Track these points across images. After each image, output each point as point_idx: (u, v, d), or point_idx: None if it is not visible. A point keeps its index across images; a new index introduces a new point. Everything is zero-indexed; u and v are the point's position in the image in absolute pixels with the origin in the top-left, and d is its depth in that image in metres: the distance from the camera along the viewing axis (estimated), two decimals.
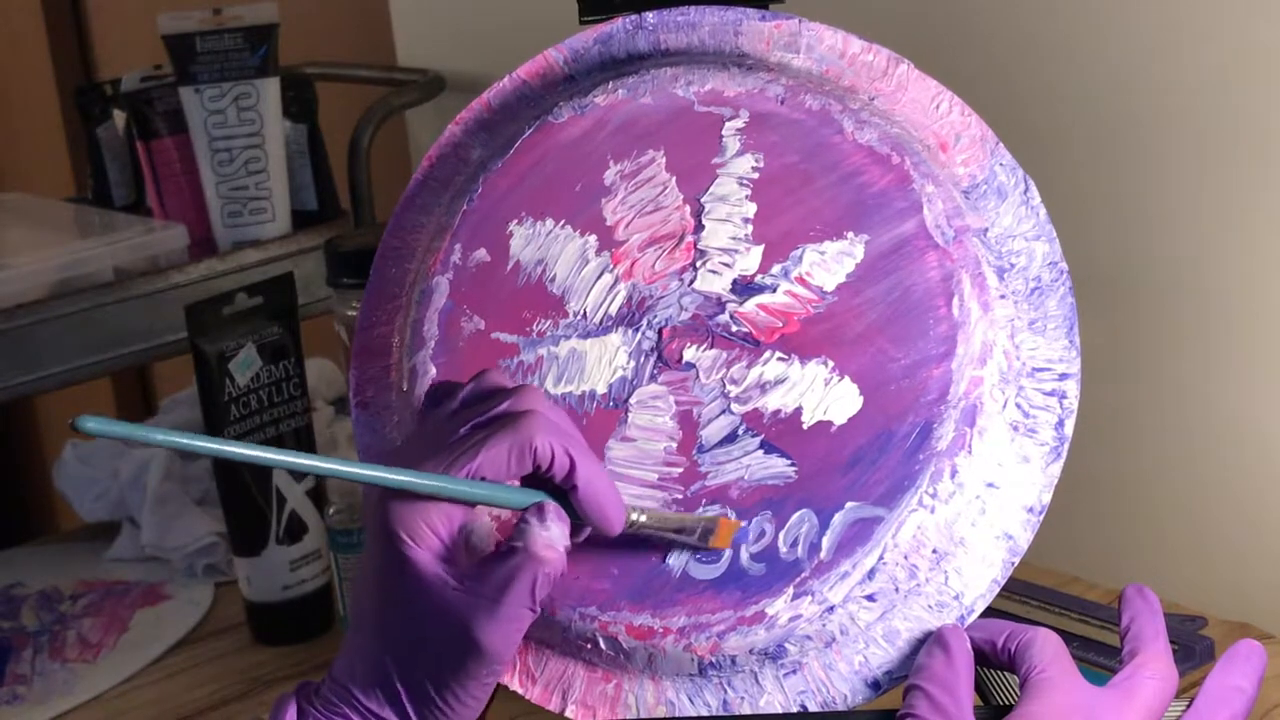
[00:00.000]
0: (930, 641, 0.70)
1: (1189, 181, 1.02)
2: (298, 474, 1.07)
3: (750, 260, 0.73)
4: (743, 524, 0.71)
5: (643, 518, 0.70)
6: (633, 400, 0.73)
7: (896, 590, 0.71)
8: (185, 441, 0.62)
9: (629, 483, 0.72)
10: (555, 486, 0.66)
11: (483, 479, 0.65)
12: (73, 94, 1.57)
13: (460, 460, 0.65)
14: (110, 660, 1.09)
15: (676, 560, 0.71)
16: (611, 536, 0.69)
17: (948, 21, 1.12)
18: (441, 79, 1.49)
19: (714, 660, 0.71)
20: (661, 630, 0.71)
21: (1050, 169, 0.86)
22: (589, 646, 0.72)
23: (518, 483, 0.66)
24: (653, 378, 0.73)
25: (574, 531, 0.67)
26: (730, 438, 0.72)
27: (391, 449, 0.73)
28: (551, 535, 0.64)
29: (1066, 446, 0.73)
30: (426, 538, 0.64)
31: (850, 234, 0.72)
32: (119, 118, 1.41)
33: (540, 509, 0.65)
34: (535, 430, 0.65)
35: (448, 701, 0.65)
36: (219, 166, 1.32)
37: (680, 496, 0.72)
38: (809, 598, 0.70)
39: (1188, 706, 0.68)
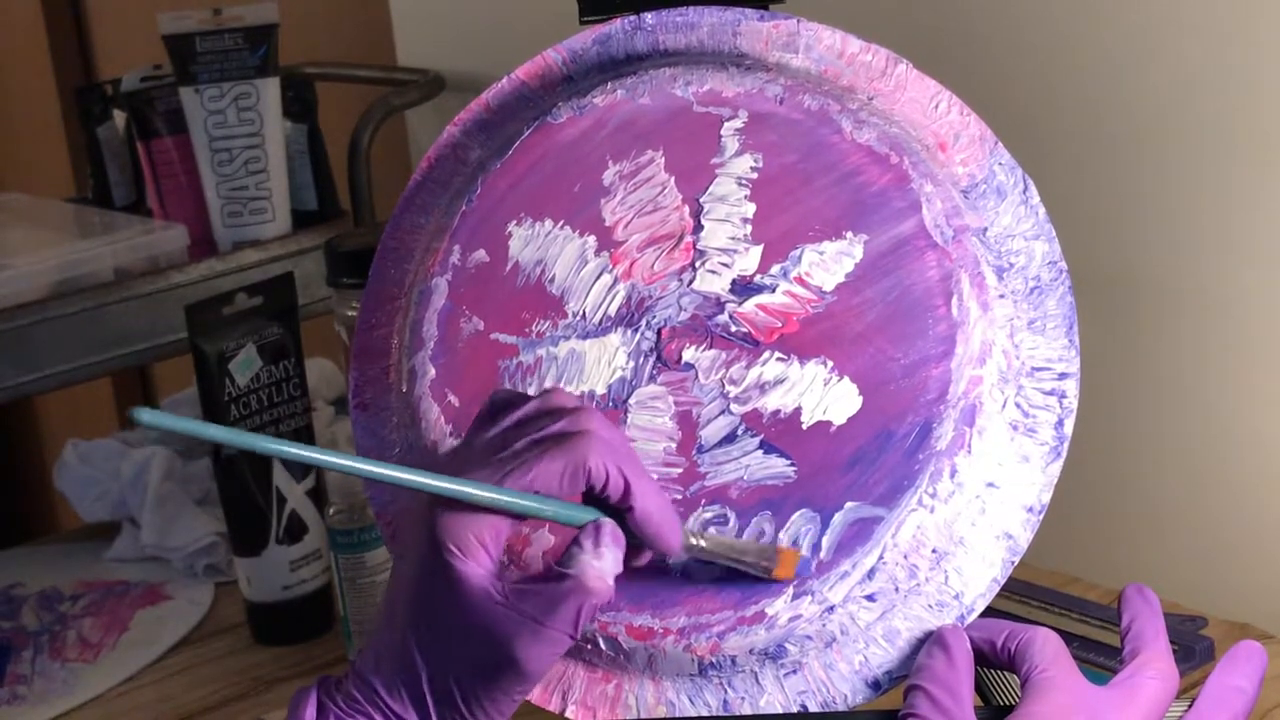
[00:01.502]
0: (930, 642, 0.70)
1: (1189, 181, 1.02)
2: (302, 470, 1.07)
3: (749, 260, 0.73)
4: (804, 555, 0.71)
5: (702, 542, 0.69)
6: (632, 401, 0.73)
7: (896, 590, 0.71)
8: (241, 439, 0.62)
9: None
10: (613, 507, 0.66)
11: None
12: (73, 94, 1.57)
13: (514, 474, 0.64)
14: (110, 660, 1.09)
15: (677, 561, 0.71)
16: (670, 557, 0.68)
17: (947, 21, 1.12)
18: (441, 79, 1.49)
19: (714, 660, 0.71)
20: (661, 631, 0.71)
21: (1050, 169, 0.86)
22: (589, 647, 0.72)
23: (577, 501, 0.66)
24: (652, 378, 0.73)
25: (634, 553, 0.67)
26: (729, 438, 0.72)
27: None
28: (603, 565, 0.64)
29: (1066, 446, 0.73)
30: (474, 550, 0.64)
31: (849, 234, 0.72)
32: (119, 118, 1.41)
33: (596, 534, 0.65)
34: (590, 451, 0.64)
35: (473, 711, 0.65)
36: (219, 166, 1.32)
37: (680, 497, 0.72)
38: (809, 598, 0.70)
39: (1188, 707, 0.68)
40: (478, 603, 0.64)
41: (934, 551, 0.71)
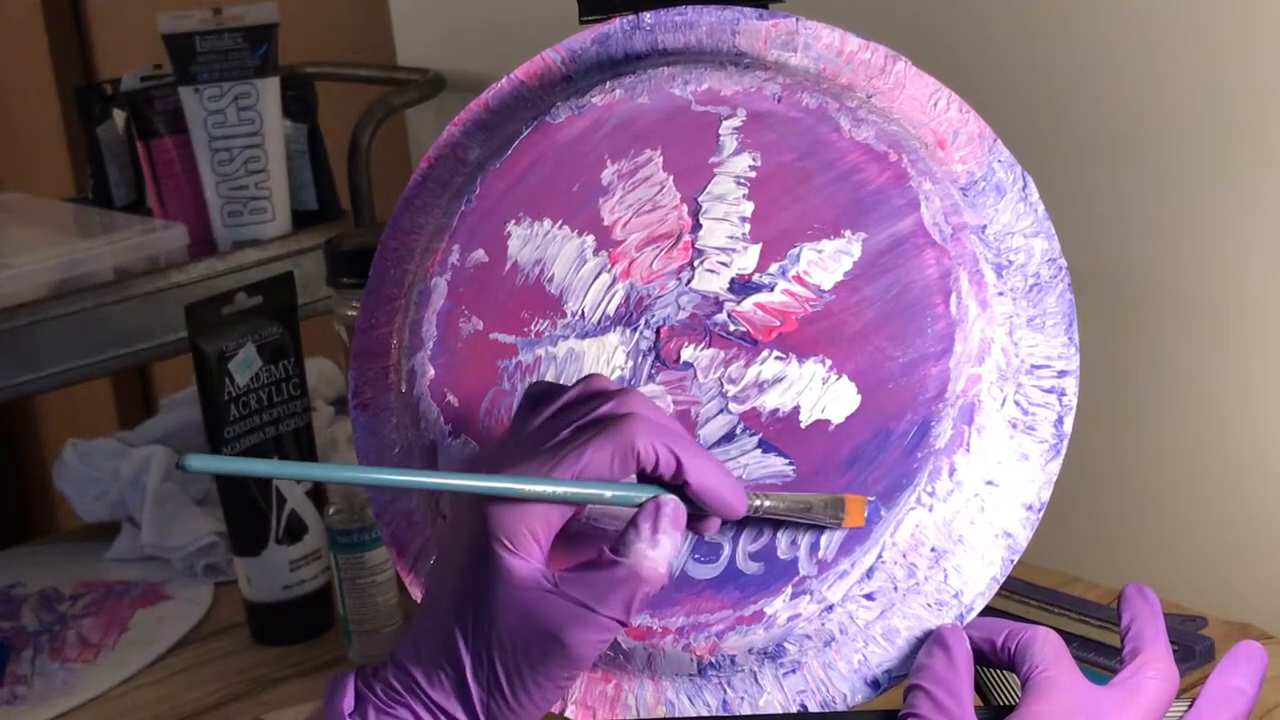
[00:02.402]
0: (930, 641, 0.70)
1: (1189, 180, 1.02)
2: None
3: (748, 259, 0.73)
4: (871, 498, 0.70)
5: (768, 502, 0.69)
6: None
7: (895, 589, 0.71)
8: (291, 471, 0.62)
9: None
10: (669, 483, 0.66)
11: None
12: (73, 94, 1.57)
13: (563, 463, 0.64)
14: (110, 660, 1.09)
15: (675, 560, 0.71)
16: (736, 519, 0.68)
17: (946, 19, 1.12)
18: (441, 79, 1.49)
19: (713, 660, 0.71)
20: (660, 630, 0.71)
21: (1050, 167, 0.86)
22: None
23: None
24: (650, 377, 0.73)
25: (701, 522, 0.67)
26: (728, 437, 0.72)
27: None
28: (659, 554, 0.64)
29: (1065, 444, 0.73)
30: (526, 542, 0.64)
31: (848, 232, 0.72)
32: (119, 118, 1.41)
33: (654, 517, 0.64)
34: (637, 432, 0.64)
35: (518, 698, 0.64)
36: (219, 166, 1.32)
37: None
38: (807, 597, 0.70)
39: (1189, 707, 0.68)
40: (528, 592, 0.63)
41: (933, 550, 0.71)
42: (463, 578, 0.65)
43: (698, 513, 0.66)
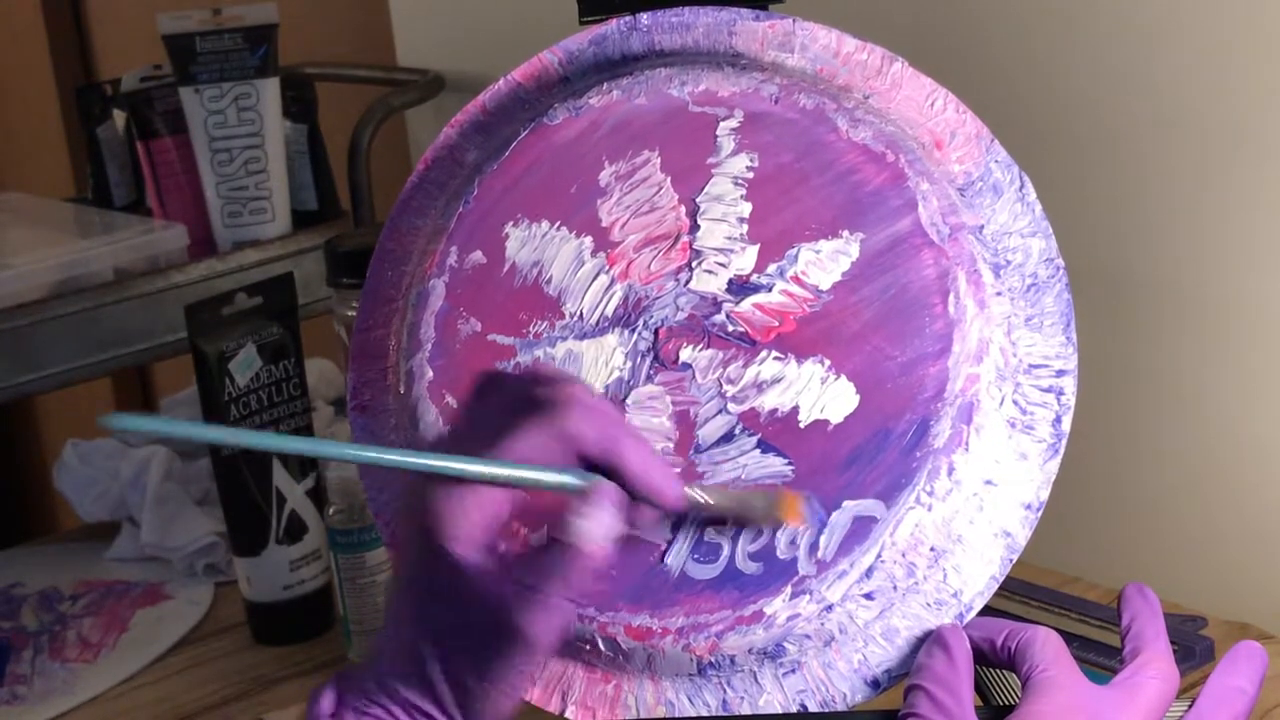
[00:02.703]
0: (930, 641, 0.70)
1: (1188, 180, 1.02)
2: (301, 470, 1.07)
3: (746, 260, 0.73)
4: (808, 494, 0.70)
5: (705, 496, 0.69)
6: (629, 401, 0.73)
7: (895, 588, 0.71)
8: (214, 435, 0.62)
9: None
10: (607, 471, 0.66)
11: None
12: (73, 94, 1.57)
13: (500, 446, 0.64)
14: (110, 660, 1.09)
15: (674, 560, 0.71)
16: (675, 511, 0.68)
17: (943, 19, 1.12)
18: (441, 79, 1.50)
19: (713, 660, 0.71)
20: (660, 631, 0.71)
21: (1048, 167, 0.86)
22: (588, 647, 0.72)
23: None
24: (649, 378, 0.73)
25: (640, 512, 0.67)
26: (727, 437, 0.72)
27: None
28: (595, 528, 0.64)
29: (1064, 443, 0.73)
30: (470, 531, 0.64)
31: (845, 232, 0.72)
32: (119, 118, 1.41)
33: (590, 498, 0.65)
34: (571, 415, 0.65)
35: (485, 690, 0.65)
36: (219, 166, 1.32)
37: None
38: (807, 597, 0.70)
39: (1189, 707, 0.68)
40: (478, 582, 0.64)
41: (932, 550, 0.71)
42: (418, 575, 0.65)
43: (636, 501, 0.66)
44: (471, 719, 0.65)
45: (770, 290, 0.73)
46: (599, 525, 0.64)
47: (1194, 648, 0.92)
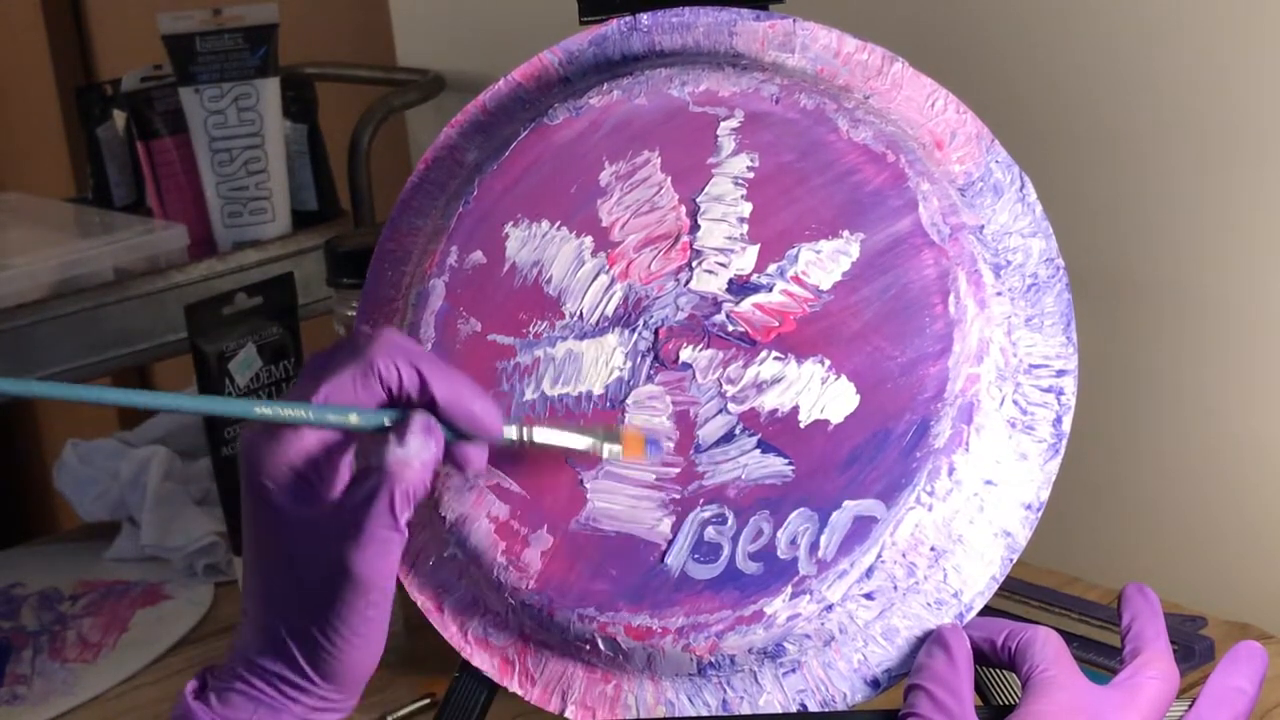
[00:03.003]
0: (930, 641, 0.70)
1: (1188, 181, 1.02)
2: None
3: (746, 260, 0.73)
4: (649, 434, 0.71)
5: (528, 435, 0.69)
6: (629, 401, 0.73)
7: (895, 588, 0.71)
8: (60, 391, 0.63)
9: (626, 483, 0.72)
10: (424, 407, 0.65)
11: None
12: (73, 94, 1.57)
13: (306, 390, 0.64)
14: (110, 660, 1.09)
15: (674, 560, 0.71)
16: (494, 442, 0.67)
17: (943, 19, 1.12)
18: (441, 79, 1.49)
19: (713, 660, 0.71)
20: (660, 630, 0.71)
21: (1047, 166, 0.86)
22: (588, 647, 0.72)
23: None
24: (649, 378, 0.73)
25: (461, 449, 0.66)
26: (727, 437, 0.72)
27: None
28: (406, 451, 0.64)
29: (1064, 443, 0.73)
30: (284, 475, 0.64)
31: (846, 232, 0.72)
32: (119, 118, 1.41)
33: (402, 426, 0.64)
34: (376, 351, 0.64)
35: (333, 641, 0.64)
36: (219, 166, 1.32)
37: (677, 496, 0.72)
38: (807, 596, 0.70)
39: (1189, 707, 0.68)
40: (300, 525, 0.64)
41: (932, 549, 0.71)
42: (251, 536, 0.65)
43: (458, 437, 0.66)
44: (328, 675, 0.65)
45: (770, 290, 0.73)
46: (407, 447, 0.64)
47: (1194, 648, 0.92)
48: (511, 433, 0.69)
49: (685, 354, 0.73)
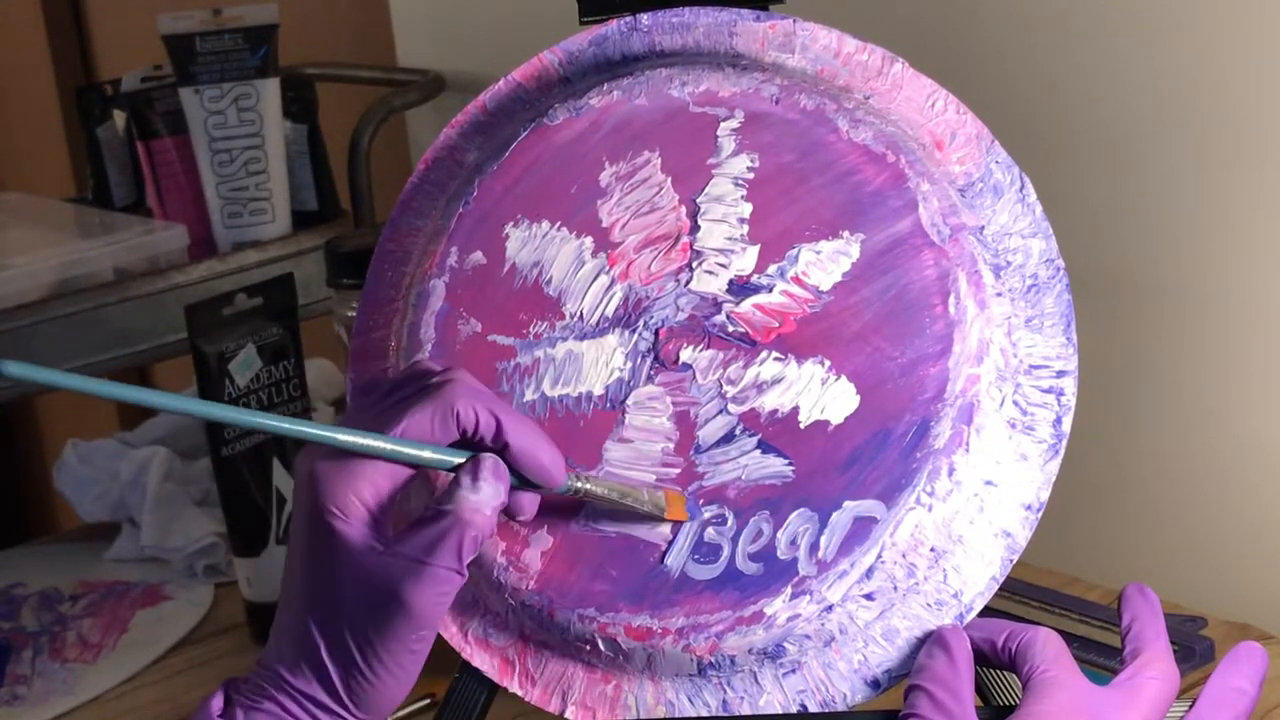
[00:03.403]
0: (930, 642, 0.70)
1: (1189, 181, 1.02)
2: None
3: (746, 260, 0.73)
4: (688, 494, 0.71)
5: (588, 485, 0.70)
6: (630, 401, 0.73)
7: (895, 589, 0.71)
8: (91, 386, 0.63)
9: (626, 484, 0.72)
10: (492, 449, 0.67)
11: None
12: (73, 94, 1.57)
13: (386, 426, 0.65)
14: (110, 660, 1.09)
15: (675, 561, 0.71)
16: (554, 491, 0.68)
17: (943, 20, 1.12)
18: (441, 79, 1.49)
19: (713, 660, 0.71)
20: (660, 631, 0.71)
21: (1047, 167, 0.86)
22: (588, 648, 0.72)
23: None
24: (649, 379, 0.73)
25: (526, 495, 0.68)
26: (727, 438, 0.72)
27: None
28: (480, 498, 0.65)
29: (1064, 444, 0.73)
30: (354, 508, 0.64)
31: (846, 233, 0.72)
32: (119, 118, 1.41)
33: (474, 469, 0.65)
34: (457, 395, 0.65)
35: (374, 670, 0.65)
36: (219, 167, 1.32)
37: None
38: (807, 597, 0.70)
39: (1190, 707, 0.68)
40: (363, 557, 0.64)
41: (932, 550, 0.71)
42: (305, 558, 0.66)
43: (520, 486, 0.67)
44: (360, 703, 0.65)
45: (771, 291, 0.73)
46: (480, 493, 0.65)
47: (1194, 648, 0.92)
48: (572, 482, 0.69)
49: (685, 355, 0.73)
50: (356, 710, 0.66)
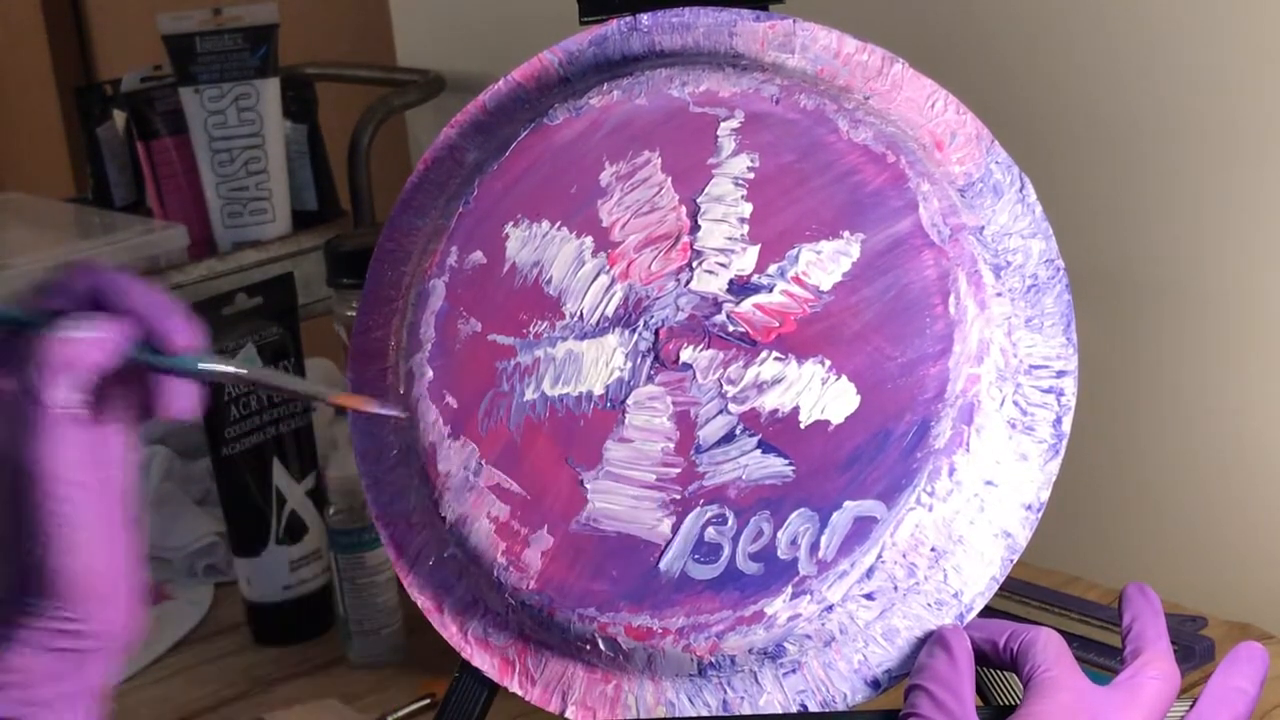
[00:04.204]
0: (931, 641, 0.70)
1: (1188, 181, 1.02)
2: (302, 470, 1.07)
3: (746, 260, 0.73)
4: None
5: (227, 367, 0.65)
6: (630, 401, 0.73)
7: (895, 589, 0.71)
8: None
9: (626, 483, 0.72)
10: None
11: None
12: (73, 94, 1.57)
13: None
14: None
15: (675, 561, 0.71)
16: (191, 368, 0.63)
17: (943, 20, 1.12)
18: (441, 79, 1.50)
19: (713, 660, 0.71)
20: (660, 631, 0.71)
21: (1047, 167, 0.86)
22: (588, 647, 0.72)
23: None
24: (650, 378, 0.73)
25: (169, 378, 0.63)
26: (728, 438, 0.72)
27: None
28: (60, 329, 0.59)
29: (1064, 444, 0.73)
30: None
31: (846, 233, 0.72)
32: (119, 118, 1.41)
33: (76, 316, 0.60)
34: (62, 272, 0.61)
35: (29, 549, 0.60)
36: (219, 166, 1.32)
37: (678, 497, 0.72)
38: (807, 597, 0.70)
39: (1190, 707, 0.68)
40: None
41: (933, 550, 0.71)
42: None
43: (153, 364, 0.62)
44: (42, 588, 0.60)
45: (771, 291, 0.73)
46: (64, 327, 0.59)
47: (1194, 648, 0.92)
48: (209, 363, 0.63)
49: (686, 354, 0.73)
50: (43, 598, 0.60)
